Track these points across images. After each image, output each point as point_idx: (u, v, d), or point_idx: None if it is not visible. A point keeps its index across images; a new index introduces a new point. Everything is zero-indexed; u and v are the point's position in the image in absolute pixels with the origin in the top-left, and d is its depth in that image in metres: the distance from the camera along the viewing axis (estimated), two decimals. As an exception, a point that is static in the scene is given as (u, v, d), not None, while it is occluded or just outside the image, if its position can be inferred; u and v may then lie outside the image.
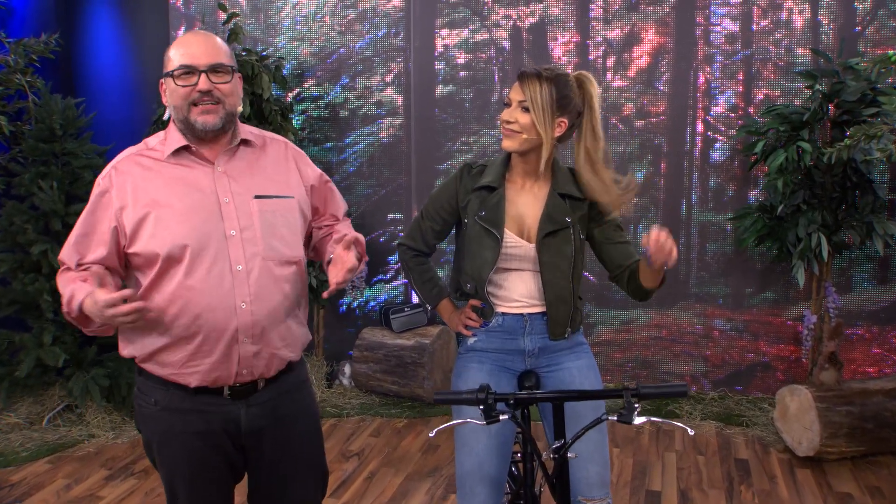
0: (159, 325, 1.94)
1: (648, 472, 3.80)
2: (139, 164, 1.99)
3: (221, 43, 1.99)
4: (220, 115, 1.95)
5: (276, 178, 2.08)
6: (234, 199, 1.98)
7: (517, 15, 4.80)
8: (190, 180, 1.97)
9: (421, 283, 2.52)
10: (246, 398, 2.04)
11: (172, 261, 1.91)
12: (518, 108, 2.20)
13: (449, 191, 2.38)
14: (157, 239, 1.90)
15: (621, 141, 4.74)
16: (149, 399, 2.04)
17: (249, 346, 1.97)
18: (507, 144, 2.24)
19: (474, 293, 2.34)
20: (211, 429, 2.02)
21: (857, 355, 4.49)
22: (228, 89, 1.96)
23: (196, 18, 5.27)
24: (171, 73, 1.93)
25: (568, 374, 2.34)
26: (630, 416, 1.77)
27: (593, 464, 2.22)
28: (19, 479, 3.81)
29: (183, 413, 2.01)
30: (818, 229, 3.95)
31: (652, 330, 4.81)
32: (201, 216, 1.93)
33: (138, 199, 1.93)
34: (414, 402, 4.75)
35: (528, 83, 2.18)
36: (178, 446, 2.03)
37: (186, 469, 2.05)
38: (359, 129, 5.13)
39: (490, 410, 1.82)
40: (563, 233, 2.27)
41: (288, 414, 2.12)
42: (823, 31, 4.38)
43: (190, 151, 1.99)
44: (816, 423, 3.72)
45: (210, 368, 1.97)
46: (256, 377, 2.03)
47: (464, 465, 2.26)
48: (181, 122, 1.97)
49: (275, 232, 2.01)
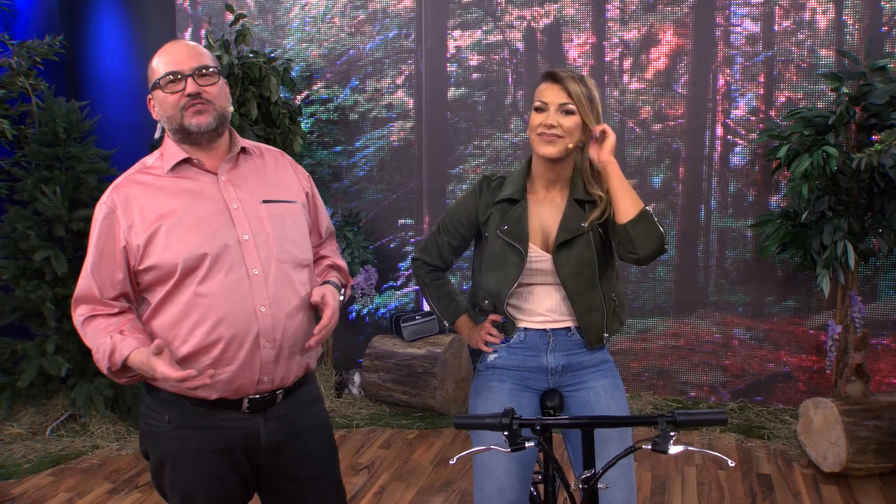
0: (177, 338, 1.91)
1: (668, 487, 3.68)
2: (140, 182, 1.96)
3: (204, 49, 1.98)
4: (213, 115, 1.93)
5: (279, 185, 2.08)
6: (242, 205, 1.97)
7: (531, 16, 4.69)
8: (196, 191, 1.95)
9: (437, 300, 2.42)
10: (264, 411, 2.01)
11: (189, 270, 1.88)
12: (559, 111, 2.08)
13: (468, 205, 2.28)
14: (171, 251, 1.88)
15: (638, 145, 4.62)
16: (161, 417, 1.98)
17: (270, 350, 1.95)
18: (548, 151, 2.10)
19: (492, 310, 2.24)
20: (229, 445, 1.98)
21: (882, 366, 4.36)
22: (216, 91, 1.95)
23: (203, 20, 5.18)
24: (157, 83, 1.93)
25: (593, 394, 2.23)
26: (665, 445, 1.65)
27: (619, 489, 2.12)
28: (21, 492, 3.72)
29: (200, 430, 1.97)
30: (844, 237, 3.82)
31: (669, 339, 4.69)
32: (214, 224, 1.92)
33: (145, 216, 1.90)
34: (425, 413, 4.63)
35: (570, 84, 2.08)
36: (195, 465, 1.98)
37: (203, 488, 1.99)
38: (369, 132, 5.03)
39: (515, 437, 1.70)
40: (581, 239, 2.16)
41: (305, 428, 2.09)
42: (848, 32, 4.26)
43: (191, 164, 1.98)
44: (843, 438, 3.60)
45: (232, 377, 1.93)
46: (276, 386, 2.00)
47: (483, 489, 2.15)
48: (176, 131, 1.95)
49: (286, 235, 2.01)
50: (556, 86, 2.09)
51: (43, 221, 4.33)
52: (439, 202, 4.96)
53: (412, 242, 5.03)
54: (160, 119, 1.98)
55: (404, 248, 5.04)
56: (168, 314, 1.91)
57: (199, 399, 1.95)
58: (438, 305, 2.42)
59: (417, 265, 2.44)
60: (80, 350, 4.43)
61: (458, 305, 2.42)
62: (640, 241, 2.08)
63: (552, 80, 2.10)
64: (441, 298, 2.42)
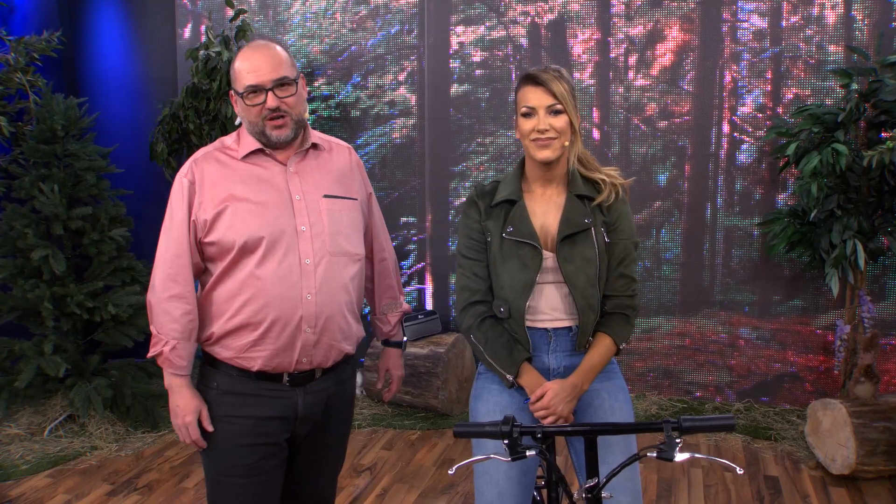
0: (229, 310, 2.09)
1: (674, 489, 3.62)
2: (217, 160, 2.13)
3: (283, 53, 2.10)
4: (291, 127, 2.10)
5: (342, 181, 2.24)
6: (304, 196, 2.12)
7: (535, 11, 4.63)
8: (265, 178, 2.12)
9: (494, 355, 2.16)
10: (304, 385, 2.17)
11: (247, 251, 2.05)
12: (547, 113, 2.04)
13: (471, 219, 2.20)
14: (234, 230, 2.05)
15: (643, 142, 4.56)
16: (210, 384, 2.16)
17: (311, 335, 2.10)
18: (546, 155, 2.06)
19: (508, 317, 2.15)
20: (269, 414, 2.14)
21: (892, 366, 4.30)
22: (294, 101, 2.09)
23: (203, 15, 5.14)
24: (240, 94, 2.08)
25: (597, 397, 2.17)
26: (671, 452, 1.60)
27: (625, 494, 2.06)
28: (18, 493, 3.68)
29: (243, 396, 2.13)
30: (854, 235, 3.76)
31: (675, 338, 4.63)
32: (275, 211, 2.08)
33: (215, 195, 2.08)
34: (428, 413, 4.58)
35: (553, 83, 2.03)
36: (235, 428, 2.13)
37: (240, 451, 2.14)
38: (371, 129, 4.98)
39: (515, 445, 1.65)
40: (584, 235, 2.11)
41: (335, 404, 2.27)
42: (857, 27, 4.19)
43: (264, 154, 2.14)
44: (852, 440, 3.54)
45: (273, 354, 2.09)
46: (314, 366, 2.16)
47: (484, 495, 2.11)
48: (257, 134, 2.11)
49: (341, 230, 2.15)
50: (540, 89, 2.04)
51: (41, 220, 4.31)
52: (442, 200, 4.90)
53: (414, 241, 4.98)
54: (241, 118, 2.15)
55: (407, 246, 4.99)
56: (225, 288, 2.09)
57: (244, 370, 2.11)
58: (497, 360, 2.15)
59: (470, 314, 2.19)
60: (79, 350, 4.41)
61: (518, 352, 2.17)
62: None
63: (534, 83, 2.05)
64: (498, 352, 2.15)
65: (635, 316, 2.20)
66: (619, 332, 2.16)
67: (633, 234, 2.18)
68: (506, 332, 2.16)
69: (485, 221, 2.17)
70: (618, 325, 2.16)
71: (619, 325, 2.16)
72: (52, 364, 4.13)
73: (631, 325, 2.19)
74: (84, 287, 4.30)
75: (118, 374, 4.42)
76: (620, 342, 2.15)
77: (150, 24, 5.20)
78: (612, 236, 2.15)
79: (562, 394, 2.06)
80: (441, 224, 4.93)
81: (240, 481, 2.15)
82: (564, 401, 2.06)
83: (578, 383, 2.09)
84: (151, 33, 5.21)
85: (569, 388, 2.07)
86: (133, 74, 5.12)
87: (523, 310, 2.11)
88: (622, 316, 2.17)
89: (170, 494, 3.65)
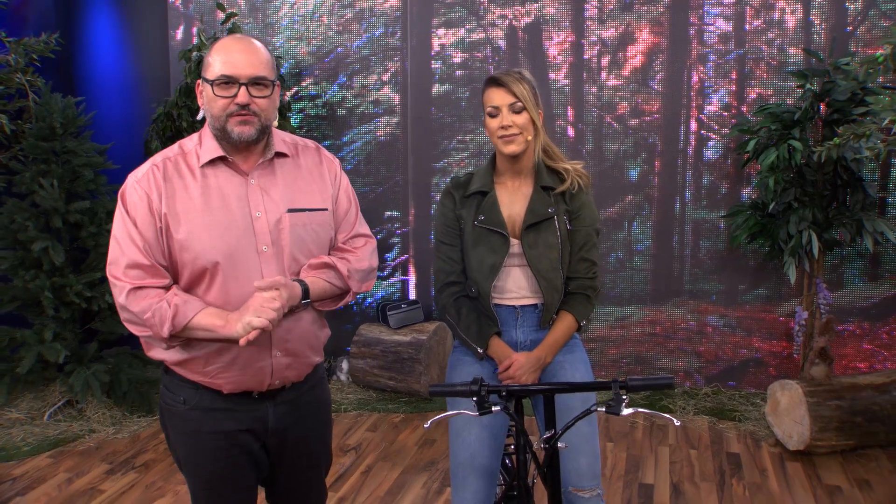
0: (192, 339, 1.94)
1: (642, 465, 3.85)
2: (176, 167, 1.96)
3: (265, 52, 1.96)
4: (256, 127, 1.93)
5: (309, 189, 2.07)
6: (266, 214, 1.97)
7: (513, 14, 4.85)
8: (225, 192, 1.96)
9: (466, 328, 2.40)
10: (273, 398, 2.08)
11: (204, 275, 1.92)
12: (509, 111, 2.29)
13: (447, 207, 2.45)
14: (189, 252, 1.90)
15: (616, 139, 4.79)
16: (177, 398, 2.05)
17: (282, 358, 2.01)
18: (512, 149, 2.31)
19: (477, 297, 2.39)
20: (239, 428, 2.05)
21: (848, 351, 4.55)
22: (266, 104, 1.94)
23: (195, 18, 5.31)
24: (210, 81, 1.91)
25: (560, 368, 2.40)
26: (618, 407, 1.82)
27: (584, 455, 2.28)
28: (21, 472, 3.86)
29: (212, 412, 2.03)
30: (809, 227, 4.01)
31: (646, 326, 4.86)
32: (234, 233, 1.93)
33: (172, 206, 1.91)
34: (411, 398, 4.80)
35: (514, 84, 2.28)
36: (207, 445, 2.04)
37: (213, 468, 2.07)
38: (356, 127, 5.18)
39: (483, 402, 1.87)
40: (547, 223, 2.35)
41: (309, 411, 2.18)
42: (815, 31, 4.44)
43: (225, 163, 1.98)
44: (807, 418, 3.78)
45: (243, 380, 2.00)
46: (285, 384, 2.08)
47: (457, 455, 2.33)
48: (218, 130, 1.95)
49: (303, 248, 2.02)
50: (502, 89, 2.29)
51: (40, 213, 4.45)
52: (424, 195, 5.12)
53: (398, 234, 5.19)
54: (204, 110, 1.97)
55: (391, 239, 5.19)
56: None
57: (213, 388, 2.01)
58: (468, 335, 2.39)
59: (447, 293, 2.43)
60: (78, 338, 4.55)
61: (487, 326, 2.40)
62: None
63: (497, 85, 2.30)
64: (469, 327, 2.39)
65: (596, 296, 2.44)
66: (580, 310, 2.40)
67: (594, 221, 2.42)
68: (477, 310, 2.40)
69: (459, 210, 2.41)
70: (579, 304, 2.40)
71: (580, 304, 2.40)
72: (53, 350, 4.28)
73: (592, 305, 2.44)
74: (82, 278, 4.46)
75: (115, 360, 4.57)
76: (581, 319, 2.40)
77: (143, 27, 5.32)
78: (574, 224, 2.39)
79: (527, 365, 2.31)
80: (423, 218, 5.14)
81: (219, 492, 2.09)
82: (529, 371, 2.31)
83: (542, 356, 2.34)
84: (145, 35, 5.32)
85: (533, 359, 2.32)
86: (128, 74, 5.24)
87: (489, 290, 2.35)
88: (583, 296, 2.41)
89: (165, 473, 3.84)
